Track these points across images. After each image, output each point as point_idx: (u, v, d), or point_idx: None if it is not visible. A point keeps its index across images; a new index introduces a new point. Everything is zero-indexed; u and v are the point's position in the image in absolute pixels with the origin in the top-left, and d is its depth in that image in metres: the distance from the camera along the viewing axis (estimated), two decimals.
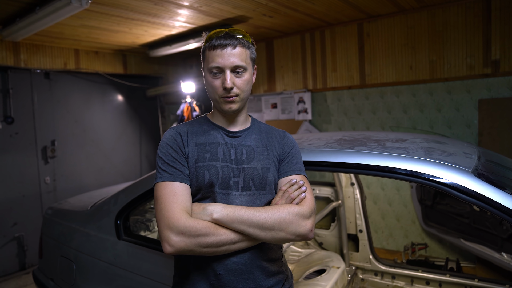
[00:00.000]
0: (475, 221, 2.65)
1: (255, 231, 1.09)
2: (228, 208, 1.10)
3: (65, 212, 2.25)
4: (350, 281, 2.51)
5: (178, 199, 1.10)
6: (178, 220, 1.05)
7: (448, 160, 1.30)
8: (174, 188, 1.12)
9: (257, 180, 1.19)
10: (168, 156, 1.17)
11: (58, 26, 3.38)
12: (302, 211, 1.13)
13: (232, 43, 1.15)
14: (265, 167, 1.21)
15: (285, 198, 1.17)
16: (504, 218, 1.08)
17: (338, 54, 4.10)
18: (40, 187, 4.17)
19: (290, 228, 1.10)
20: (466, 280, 2.23)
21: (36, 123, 4.14)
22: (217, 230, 1.07)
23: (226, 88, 1.15)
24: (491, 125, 3.22)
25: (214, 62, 1.15)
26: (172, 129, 1.25)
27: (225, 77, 1.15)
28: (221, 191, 1.16)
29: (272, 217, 1.09)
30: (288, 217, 1.10)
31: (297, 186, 1.18)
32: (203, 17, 3.46)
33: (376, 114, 3.89)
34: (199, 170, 1.16)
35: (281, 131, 1.35)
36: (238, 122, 1.27)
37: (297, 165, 1.26)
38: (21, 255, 3.98)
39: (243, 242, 1.11)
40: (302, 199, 1.16)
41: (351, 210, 2.72)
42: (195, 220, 1.07)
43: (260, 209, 1.11)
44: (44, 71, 4.20)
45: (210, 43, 1.18)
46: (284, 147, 1.28)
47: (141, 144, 5.34)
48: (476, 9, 3.25)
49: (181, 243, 1.05)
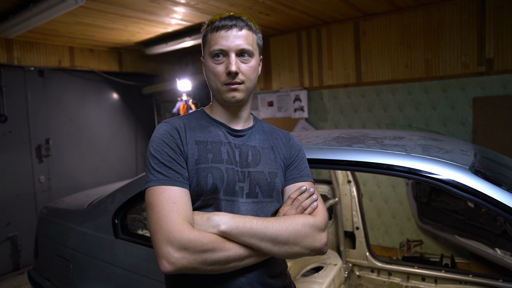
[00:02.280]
0: (470, 217, 2.69)
1: (268, 245, 0.95)
2: (237, 218, 0.95)
3: (61, 211, 2.23)
4: (347, 278, 2.53)
5: (178, 207, 0.92)
6: (180, 232, 0.88)
7: (445, 157, 1.31)
8: (173, 193, 0.94)
9: (264, 186, 1.06)
10: (164, 155, 0.99)
11: (52, 23, 3.35)
12: (318, 222, 1.01)
13: (238, 25, 1.02)
14: (272, 172, 1.08)
15: (295, 208, 1.04)
16: (501, 214, 1.10)
17: (334, 52, 4.11)
18: (35, 186, 4.13)
19: (306, 242, 0.98)
20: (461, 275, 2.26)
21: (30, 122, 4.09)
22: (225, 244, 0.92)
23: (231, 73, 1.00)
24: (485, 123, 3.25)
25: (218, 44, 1.01)
26: (166, 123, 1.06)
27: (230, 60, 1.01)
28: (226, 198, 1.01)
29: (286, 229, 0.96)
30: (304, 230, 0.98)
31: (308, 194, 1.06)
32: (199, 15, 3.44)
33: (372, 112, 3.91)
34: (200, 173, 1.00)
35: (285, 132, 1.24)
36: (241, 118, 1.12)
37: (305, 171, 1.15)
38: (15, 255, 3.94)
39: (252, 257, 0.96)
40: (314, 209, 1.04)
41: (348, 208, 2.74)
42: (201, 233, 0.90)
43: (272, 220, 0.97)
44: (38, 69, 4.15)
45: (213, 25, 1.04)
46: (291, 150, 1.17)
47: (137, 142, 5.32)
48: (470, 8, 3.27)
49: (183, 260, 0.87)
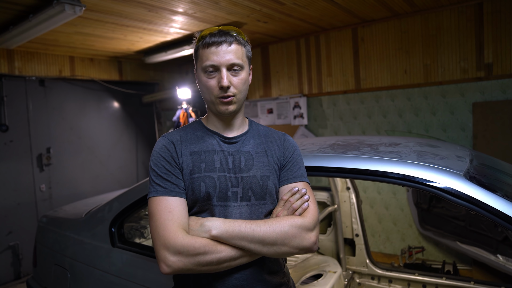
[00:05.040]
0: (471, 223, 2.66)
1: (257, 246, 1.03)
2: (227, 223, 1.04)
3: (60, 220, 2.23)
4: (347, 286, 2.50)
5: (173, 215, 1.04)
6: (175, 239, 0.99)
7: (440, 164, 1.30)
8: (169, 203, 1.05)
9: (256, 189, 1.12)
10: (161, 168, 1.10)
11: (52, 33, 3.39)
12: (306, 223, 1.06)
13: (227, 40, 1.09)
14: (265, 175, 1.14)
15: (286, 209, 1.10)
16: (496, 220, 1.09)
17: (333, 59, 4.13)
18: (36, 195, 4.15)
19: (293, 242, 1.04)
20: (462, 282, 2.23)
21: (31, 131, 4.12)
22: (216, 247, 1.01)
23: (223, 87, 1.08)
24: (485, 128, 3.24)
25: (209, 60, 1.09)
26: (164, 137, 1.17)
27: (221, 75, 1.08)
28: (219, 203, 1.09)
29: (274, 231, 1.03)
30: (291, 231, 1.04)
31: (299, 195, 1.11)
32: (197, 23, 3.47)
33: (371, 118, 3.90)
34: (194, 182, 1.09)
35: (281, 134, 1.27)
36: (234, 126, 1.19)
37: (298, 171, 1.19)
38: (16, 264, 3.94)
39: (244, 257, 1.05)
40: (304, 209, 1.09)
41: (347, 215, 2.72)
42: (193, 238, 1.01)
43: (260, 223, 1.04)
44: (39, 79, 4.19)
45: (203, 41, 1.11)
46: (284, 152, 1.21)
47: (138, 150, 5.33)
48: (468, 13, 3.28)
49: (179, 263, 0.99)
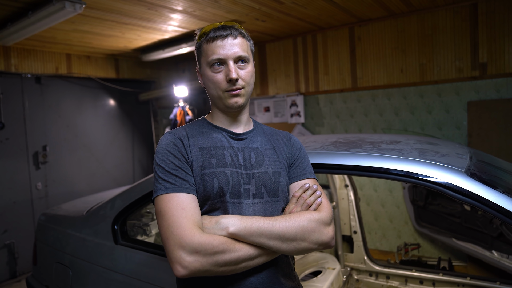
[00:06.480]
0: (466, 220, 2.71)
1: (276, 243, 0.98)
2: (244, 219, 0.99)
3: (60, 218, 2.22)
4: (346, 282, 2.54)
5: (187, 212, 0.97)
6: (191, 237, 0.92)
7: (441, 161, 1.33)
8: (181, 200, 0.99)
9: (269, 186, 1.09)
10: (169, 164, 1.03)
11: (50, 30, 3.36)
12: (323, 217, 1.05)
13: (232, 33, 1.07)
14: (276, 171, 1.12)
15: (300, 205, 1.08)
16: (496, 216, 1.12)
17: (330, 57, 4.16)
18: (32, 193, 4.12)
19: (313, 237, 1.02)
20: (458, 278, 2.28)
21: (27, 128, 4.09)
22: (234, 245, 0.96)
23: (232, 80, 1.05)
24: (479, 126, 3.30)
25: (215, 54, 1.06)
26: (169, 133, 1.12)
27: (229, 68, 1.05)
28: (233, 200, 1.05)
29: (293, 226, 1.00)
30: (310, 225, 1.02)
31: (311, 191, 1.10)
32: (196, 22, 3.47)
33: (368, 117, 3.94)
34: (206, 178, 1.04)
35: (285, 133, 1.28)
36: (241, 122, 1.17)
37: (307, 168, 1.19)
38: (12, 262, 3.91)
39: (262, 256, 1.00)
40: (319, 205, 1.08)
41: (345, 212, 2.76)
42: (211, 236, 0.95)
43: (279, 219, 1.01)
44: (35, 76, 4.15)
45: (207, 36, 1.08)
46: (292, 149, 1.21)
47: (134, 148, 5.31)
48: (463, 14, 3.33)
49: (196, 263, 0.91)
